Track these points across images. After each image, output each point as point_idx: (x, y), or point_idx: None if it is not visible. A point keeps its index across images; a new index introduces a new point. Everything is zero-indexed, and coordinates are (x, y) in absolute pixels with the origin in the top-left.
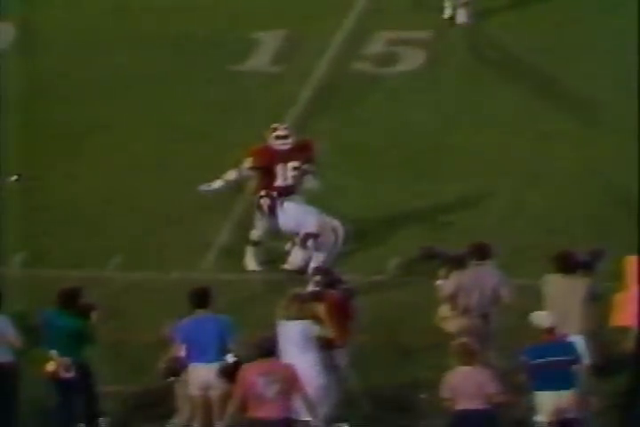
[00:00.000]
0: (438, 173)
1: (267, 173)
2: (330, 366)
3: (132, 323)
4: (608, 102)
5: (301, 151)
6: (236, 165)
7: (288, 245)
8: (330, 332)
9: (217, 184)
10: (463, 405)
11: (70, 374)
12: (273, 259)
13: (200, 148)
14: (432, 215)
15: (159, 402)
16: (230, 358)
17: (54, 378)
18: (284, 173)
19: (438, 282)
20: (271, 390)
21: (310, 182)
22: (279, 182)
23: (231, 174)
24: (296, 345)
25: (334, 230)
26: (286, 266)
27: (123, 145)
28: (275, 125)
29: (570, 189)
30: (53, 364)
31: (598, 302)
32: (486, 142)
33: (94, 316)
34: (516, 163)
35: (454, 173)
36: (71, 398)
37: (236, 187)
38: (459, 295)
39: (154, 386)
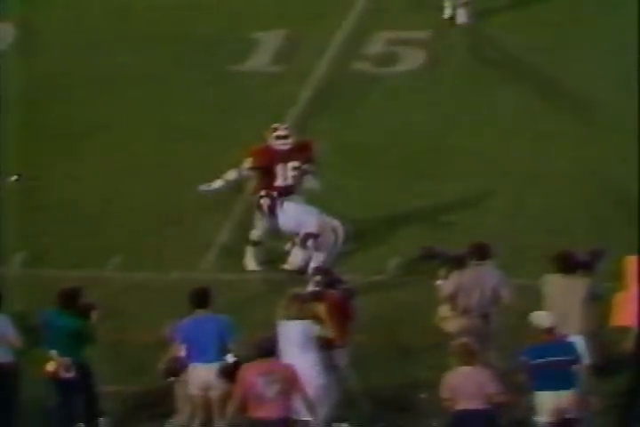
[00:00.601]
0: (438, 173)
1: (267, 173)
2: (330, 366)
3: (132, 323)
4: (608, 102)
5: (301, 151)
6: (236, 165)
7: (288, 245)
8: (330, 332)
9: (217, 184)
10: (463, 405)
11: (70, 374)
12: (273, 259)
13: (200, 148)
14: (432, 215)
15: (159, 402)
16: (230, 358)
17: (54, 378)
18: (284, 173)
19: (438, 282)
20: (271, 390)
21: (310, 182)
22: (279, 182)
23: (231, 174)
24: (296, 345)
25: (334, 230)
26: (286, 266)
27: (123, 145)
28: (275, 125)
29: (570, 189)
30: (53, 364)
31: (598, 302)
32: (486, 142)
33: (94, 316)
34: (516, 163)
35: (454, 173)
36: (71, 398)
37: (236, 187)
38: (459, 295)
39: (154, 386)
